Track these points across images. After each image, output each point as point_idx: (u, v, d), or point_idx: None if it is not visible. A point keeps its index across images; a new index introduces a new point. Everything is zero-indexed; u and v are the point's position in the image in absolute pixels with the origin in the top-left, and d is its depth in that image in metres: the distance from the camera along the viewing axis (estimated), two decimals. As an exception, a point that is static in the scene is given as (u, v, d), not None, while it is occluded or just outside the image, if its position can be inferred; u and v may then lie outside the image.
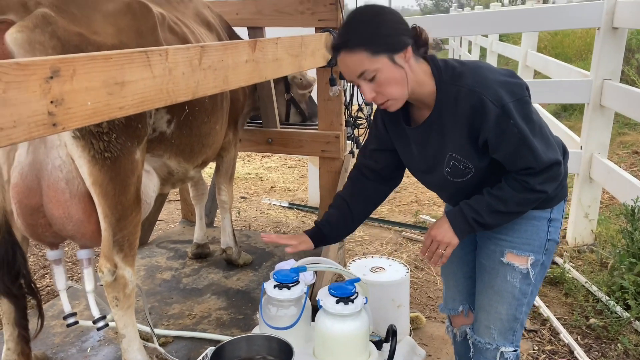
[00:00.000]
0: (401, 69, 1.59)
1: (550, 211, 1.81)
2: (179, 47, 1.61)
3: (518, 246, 1.81)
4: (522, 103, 1.59)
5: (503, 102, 1.56)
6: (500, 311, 1.87)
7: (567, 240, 4.28)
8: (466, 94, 1.61)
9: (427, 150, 1.80)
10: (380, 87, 1.61)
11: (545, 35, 11.28)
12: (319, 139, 3.56)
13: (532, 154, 1.61)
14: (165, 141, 2.37)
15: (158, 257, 3.62)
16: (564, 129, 4.77)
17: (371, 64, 1.56)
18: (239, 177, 6.28)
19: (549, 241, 1.83)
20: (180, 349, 2.58)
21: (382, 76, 1.58)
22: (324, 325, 1.89)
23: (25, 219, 2.05)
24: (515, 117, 1.57)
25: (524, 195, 1.67)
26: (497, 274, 1.86)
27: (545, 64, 6.56)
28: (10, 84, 1.05)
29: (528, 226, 1.80)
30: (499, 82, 1.61)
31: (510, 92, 1.59)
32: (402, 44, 1.59)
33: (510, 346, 1.90)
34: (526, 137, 1.59)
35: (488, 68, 1.68)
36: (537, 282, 1.86)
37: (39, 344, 2.59)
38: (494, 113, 1.57)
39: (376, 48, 1.55)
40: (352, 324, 1.87)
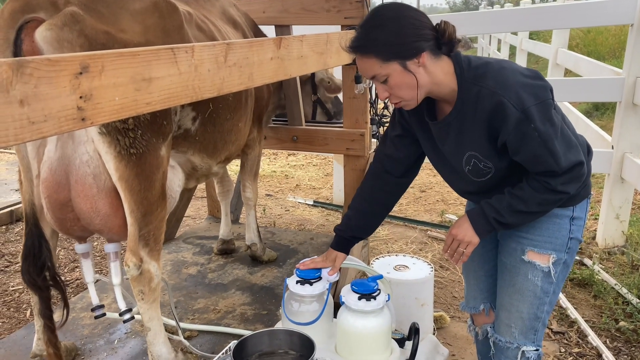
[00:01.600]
0: (412, 75, 1.61)
1: (573, 209, 1.79)
2: (204, 44, 1.63)
3: (540, 244, 1.79)
4: (545, 106, 1.57)
5: (525, 105, 1.55)
6: (522, 310, 1.85)
7: (597, 241, 4.19)
8: (487, 94, 1.60)
9: (446, 147, 1.80)
10: (392, 89, 1.65)
11: (577, 33, 11.06)
12: (344, 136, 3.56)
13: (552, 157, 1.59)
14: (189, 138, 2.41)
15: (184, 253, 3.67)
16: (595, 128, 4.66)
17: (382, 69, 1.60)
18: (265, 175, 6.32)
19: (572, 239, 1.80)
20: (205, 342, 2.62)
21: (393, 81, 1.62)
22: (346, 322, 1.89)
23: (55, 213, 2.11)
24: (536, 121, 1.55)
25: (545, 195, 1.65)
26: (518, 272, 1.84)
27: (576, 62, 6.43)
28: (42, 80, 1.08)
29: (550, 224, 1.78)
30: (522, 84, 1.58)
31: (533, 94, 1.57)
32: (415, 51, 1.59)
33: (531, 345, 1.87)
34: (547, 140, 1.57)
35: (512, 68, 1.65)
36: (559, 281, 1.84)
37: (68, 334, 2.66)
38: (515, 116, 1.56)
39: (387, 56, 1.58)
40: (374, 320, 1.87)
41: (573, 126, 1.80)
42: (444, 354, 2.33)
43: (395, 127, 1.97)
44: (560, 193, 1.65)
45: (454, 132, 1.73)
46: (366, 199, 2.01)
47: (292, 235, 3.99)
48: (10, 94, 1.01)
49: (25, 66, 1.04)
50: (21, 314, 3.37)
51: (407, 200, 5.36)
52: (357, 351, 1.90)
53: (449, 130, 1.74)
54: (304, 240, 3.85)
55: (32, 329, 2.54)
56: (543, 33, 12.16)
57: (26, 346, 2.54)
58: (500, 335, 1.93)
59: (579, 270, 3.64)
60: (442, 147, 1.82)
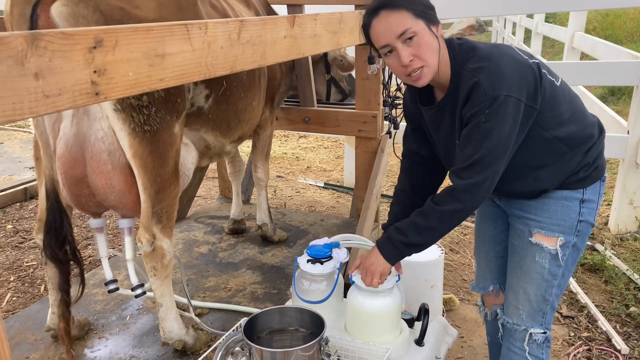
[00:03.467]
0: (435, 38, 1.62)
1: (583, 192, 1.76)
2: (218, 21, 1.62)
3: (547, 226, 1.77)
4: (510, 101, 1.56)
5: (495, 92, 1.55)
6: (529, 292, 1.84)
7: (609, 227, 4.16)
8: (468, 77, 1.61)
9: (440, 133, 1.80)
10: (419, 49, 1.59)
11: (595, 16, 10.85)
12: (355, 118, 3.54)
13: (476, 146, 1.58)
14: (202, 115, 2.41)
15: (196, 232, 3.70)
16: (610, 112, 4.60)
17: (413, 24, 1.57)
18: (276, 157, 6.33)
19: (581, 222, 1.77)
20: (216, 320, 2.65)
21: (421, 40, 1.58)
22: (356, 301, 1.91)
23: (71, 189, 2.13)
24: (493, 108, 1.55)
25: (445, 206, 1.65)
26: (525, 254, 1.83)
27: (593, 46, 6.32)
28: (56, 53, 1.08)
29: (558, 206, 1.76)
30: (505, 71, 1.58)
31: (508, 86, 1.56)
32: (436, 19, 1.64)
33: (539, 328, 1.86)
34: (489, 128, 1.56)
35: (500, 53, 1.63)
36: (569, 265, 1.81)
37: (81, 310, 2.71)
38: (482, 98, 1.57)
39: (417, 12, 1.59)
40: (384, 300, 1.88)
41: (583, 105, 1.78)
42: (453, 335, 2.33)
43: (407, 121, 1.98)
44: (458, 201, 1.63)
45: (447, 116, 1.72)
46: (410, 195, 1.98)
47: (303, 216, 4.00)
48: (25, 67, 1.02)
49: (40, 39, 1.04)
50: (35, 289, 3.42)
51: (418, 184, 5.34)
52: (366, 330, 1.92)
53: (442, 116, 1.74)
54: (315, 221, 3.87)
55: (46, 304, 2.58)
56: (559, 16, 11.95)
57: (40, 320, 2.59)
58: (508, 317, 1.93)
59: (590, 256, 3.63)
60: (435, 133, 1.82)
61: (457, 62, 1.66)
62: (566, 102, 1.71)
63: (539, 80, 1.63)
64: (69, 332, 2.14)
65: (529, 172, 1.73)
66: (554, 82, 1.70)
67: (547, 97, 1.66)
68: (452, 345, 2.36)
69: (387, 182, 5.38)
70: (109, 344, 2.46)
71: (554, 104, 1.68)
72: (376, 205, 3.46)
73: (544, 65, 1.71)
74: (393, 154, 3.64)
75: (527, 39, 11.68)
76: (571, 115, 1.71)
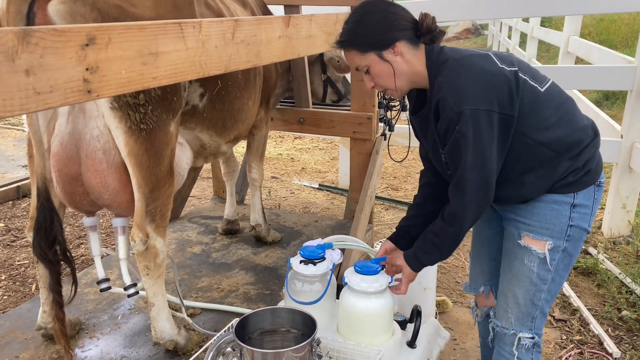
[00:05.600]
0: (389, 64, 1.70)
1: (574, 196, 1.74)
2: (212, 20, 1.62)
3: (536, 230, 1.76)
4: (479, 114, 1.58)
5: (460, 107, 1.58)
6: (518, 295, 1.83)
7: (602, 230, 4.18)
8: (437, 90, 1.66)
9: (427, 141, 1.84)
10: (374, 79, 1.76)
11: (590, 21, 10.90)
12: (350, 119, 3.54)
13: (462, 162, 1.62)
14: (197, 114, 2.40)
15: (189, 232, 3.69)
16: (604, 116, 4.62)
17: (361, 60, 1.72)
18: (271, 157, 6.32)
19: (572, 227, 1.75)
20: (208, 320, 2.64)
21: (373, 71, 1.73)
22: (348, 302, 1.90)
23: (65, 187, 2.12)
24: (461, 124, 1.59)
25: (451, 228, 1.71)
26: (515, 256, 1.83)
27: (588, 50, 6.35)
28: (48, 50, 1.08)
29: (547, 210, 1.75)
30: (471, 85, 1.60)
31: (474, 99, 1.59)
32: (389, 41, 1.68)
33: (528, 332, 1.84)
34: (463, 145, 1.60)
35: (471, 65, 1.65)
36: (559, 270, 1.79)
37: (73, 309, 2.69)
38: (449, 114, 1.61)
39: (364, 47, 1.70)
40: (376, 301, 1.88)
41: (576, 108, 1.77)
42: (445, 337, 2.34)
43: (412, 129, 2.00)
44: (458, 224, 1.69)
45: (431, 124, 1.75)
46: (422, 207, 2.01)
47: (297, 217, 3.99)
48: (15, 63, 1.01)
49: (31, 35, 1.03)
50: (26, 288, 3.40)
51: (413, 186, 5.35)
52: (358, 331, 1.91)
53: (427, 123, 1.77)
54: (309, 222, 3.86)
55: (37, 303, 2.56)
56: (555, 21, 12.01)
57: (31, 319, 2.58)
58: (498, 320, 1.92)
59: (583, 259, 3.64)
60: (424, 140, 1.88)
61: (432, 73, 1.71)
62: (552, 107, 1.70)
63: (515, 88, 1.64)
64: (65, 332, 2.11)
65: (514, 177, 1.73)
66: (536, 87, 1.69)
67: (526, 103, 1.66)
68: (445, 348, 2.36)
69: (382, 184, 5.38)
70: (100, 344, 2.45)
71: (535, 109, 1.67)
72: (370, 207, 3.46)
73: (526, 71, 1.70)
74: (388, 155, 3.64)
75: (522, 43, 11.71)
76: (558, 120, 1.70)
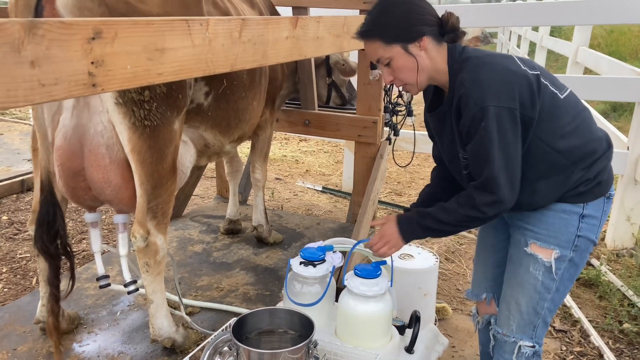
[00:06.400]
0: (413, 57, 1.69)
1: (584, 206, 1.73)
2: (220, 19, 1.62)
3: (543, 238, 1.76)
4: (502, 111, 1.58)
5: (484, 103, 1.57)
6: (521, 302, 1.82)
7: (605, 242, 4.15)
8: (459, 86, 1.65)
9: (443, 139, 1.83)
10: (395, 72, 1.73)
11: (600, 32, 10.88)
12: (356, 123, 3.54)
13: (487, 161, 1.61)
14: (202, 113, 2.40)
15: (191, 230, 3.69)
16: (611, 128, 4.60)
17: (385, 52, 1.70)
18: (275, 159, 6.32)
19: (579, 237, 1.75)
20: (206, 319, 2.63)
21: (395, 63, 1.71)
22: (347, 305, 1.90)
23: (67, 182, 2.12)
24: (487, 120, 1.57)
25: (465, 210, 1.68)
26: (520, 264, 1.82)
27: (597, 61, 6.32)
28: (54, 42, 1.08)
29: (556, 219, 1.75)
30: (493, 82, 1.59)
31: (497, 96, 1.58)
32: (416, 34, 1.67)
33: (528, 341, 1.84)
34: (489, 143, 1.58)
35: (493, 63, 1.64)
36: (564, 280, 1.79)
37: (72, 304, 2.69)
38: (473, 111, 1.60)
39: (389, 38, 1.68)
40: (376, 305, 1.87)
41: (592, 119, 1.77)
42: (444, 344, 2.32)
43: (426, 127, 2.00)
44: (478, 211, 1.66)
45: (448, 123, 1.75)
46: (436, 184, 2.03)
47: (299, 219, 3.99)
48: (21, 54, 1.01)
49: (38, 27, 1.03)
50: (27, 281, 3.41)
51: (416, 192, 5.33)
52: (356, 335, 1.90)
53: (444, 121, 1.77)
54: (311, 224, 3.85)
55: (36, 296, 2.57)
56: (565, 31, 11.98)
57: (30, 312, 2.58)
58: (499, 327, 1.91)
59: (586, 270, 3.61)
60: (439, 138, 1.87)
61: (454, 70, 1.70)
62: (569, 115, 1.70)
63: (537, 91, 1.63)
64: (57, 327, 2.11)
65: (527, 183, 1.72)
66: (556, 94, 1.69)
67: (546, 109, 1.65)
68: (443, 354, 2.34)
69: (385, 188, 5.37)
70: (98, 339, 2.45)
71: (554, 115, 1.67)
72: (373, 211, 3.44)
73: (547, 77, 1.71)
74: (392, 160, 3.63)
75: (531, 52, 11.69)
76: (574, 129, 1.69)
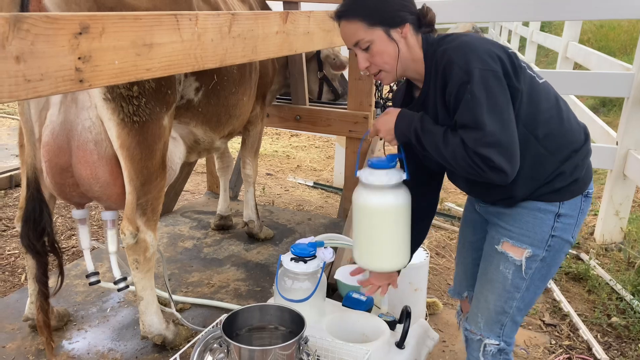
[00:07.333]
0: (394, 43, 1.63)
1: (560, 205, 1.68)
2: (209, 13, 1.61)
3: (516, 236, 1.71)
4: (488, 74, 1.49)
5: (469, 67, 1.50)
6: (489, 300, 1.78)
7: (594, 237, 4.18)
8: (440, 56, 1.59)
9: None
10: (373, 57, 1.66)
11: (589, 27, 10.94)
12: (347, 118, 3.54)
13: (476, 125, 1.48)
14: (192, 109, 2.39)
15: (181, 226, 3.67)
16: (600, 123, 4.63)
17: (366, 34, 1.63)
18: (266, 154, 6.31)
19: (553, 237, 1.69)
20: (197, 316, 2.63)
21: (375, 48, 1.63)
22: (362, 198, 1.85)
23: (54, 178, 2.10)
24: (473, 83, 1.48)
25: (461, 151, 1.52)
26: (491, 261, 1.78)
27: (586, 56, 6.36)
28: (39, 37, 1.06)
29: (530, 217, 1.69)
30: (475, 49, 1.52)
31: (481, 60, 1.50)
32: (400, 20, 1.63)
33: (494, 339, 1.80)
34: (476, 106, 1.47)
35: (473, 37, 1.59)
36: (535, 280, 1.73)
37: (61, 301, 2.67)
38: (458, 75, 1.51)
39: (373, 20, 1.61)
40: (390, 196, 1.82)
41: (570, 110, 1.72)
42: (434, 339, 2.33)
43: None
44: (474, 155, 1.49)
45: (430, 109, 1.66)
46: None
47: (290, 214, 3.98)
48: (6, 50, 1.00)
49: (23, 22, 1.02)
50: (16, 278, 3.38)
51: (408, 187, 5.34)
52: (374, 238, 1.84)
53: (426, 109, 1.68)
54: (302, 220, 3.85)
55: (25, 293, 2.54)
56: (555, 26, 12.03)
57: (19, 309, 2.56)
58: (467, 324, 1.88)
59: (575, 265, 3.64)
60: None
61: (430, 53, 1.65)
62: (548, 101, 1.65)
63: (517, 65, 1.57)
64: (48, 324, 2.10)
65: None
66: (534, 77, 1.65)
67: (526, 90, 1.60)
68: (433, 349, 2.35)
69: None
70: (88, 336, 2.43)
71: (533, 100, 1.61)
72: (364, 206, 3.44)
73: (523, 61, 1.64)
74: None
75: (522, 47, 11.75)
76: (553, 116, 1.64)
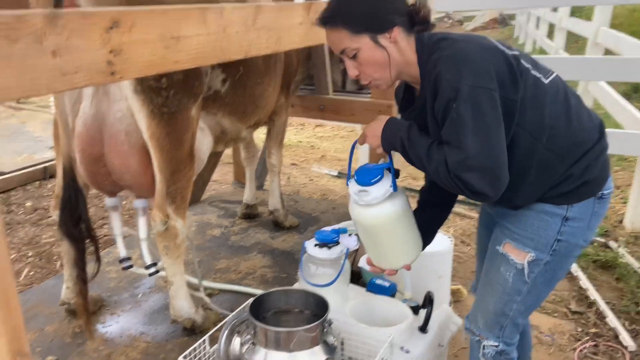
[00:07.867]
0: (383, 50, 1.51)
1: (568, 208, 1.58)
2: (234, 6, 1.65)
3: (519, 239, 1.63)
4: (479, 90, 1.39)
5: (458, 83, 1.39)
6: (488, 301, 1.74)
7: (624, 224, 4.12)
8: (432, 66, 1.47)
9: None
10: (362, 66, 1.55)
11: (621, 11, 10.65)
12: (371, 107, 3.54)
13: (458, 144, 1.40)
14: (219, 100, 2.44)
15: (209, 215, 3.76)
16: (630, 109, 4.53)
17: (351, 42, 1.50)
18: (291, 145, 6.36)
19: (559, 242, 1.60)
20: (225, 301, 2.70)
21: (363, 56, 1.52)
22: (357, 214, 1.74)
23: (87, 168, 2.19)
24: (459, 100, 1.38)
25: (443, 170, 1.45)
26: (493, 262, 1.71)
27: (617, 41, 6.21)
28: (74, 32, 1.12)
29: (536, 220, 1.60)
30: (468, 59, 1.42)
31: (473, 75, 1.40)
32: (388, 24, 1.50)
33: (493, 340, 1.75)
34: (460, 125, 1.39)
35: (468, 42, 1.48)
36: (537, 284, 1.66)
37: (95, 286, 2.78)
38: (447, 91, 1.42)
39: (357, 27, 1.49)
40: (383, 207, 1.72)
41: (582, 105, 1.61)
42: (458, 324, 2.35)
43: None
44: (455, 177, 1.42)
45: (429, 117, 1.54)
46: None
47: (315, 204, 4.03)
48: (43, 45, 1.05)
49: (59, 18, 1.07)
50: (52, 265, 3.51)
51: (433, 176, 5.33)
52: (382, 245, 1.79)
53: (423, 116, 1.56)
54: (326, 209, 3.90)
55: (61, 279, 2.65)
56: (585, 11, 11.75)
57: (55, 294, 2.67)
58: (468, 323, 1.85)
59: (603, 253, 3.60)
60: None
61: (424, 57, 1.53)
62: (556, 102, 1.54)
63: (518, 72, 1.47)
64: (87, 308, 2.19)
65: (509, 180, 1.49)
66: (539, 79, 1.53)
67: (529, 96, 1.49)
68: (457, 334, 2.37)
69: (401, 172, 5.37)
70: (121, 320, 2.53)
71: (538, 103, 1.51)
72: (388, 194, 3.46)
73: (528, 60, 1.55)
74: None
75: (550, 34, 11.51)
76: (561, 117, 1.54)
